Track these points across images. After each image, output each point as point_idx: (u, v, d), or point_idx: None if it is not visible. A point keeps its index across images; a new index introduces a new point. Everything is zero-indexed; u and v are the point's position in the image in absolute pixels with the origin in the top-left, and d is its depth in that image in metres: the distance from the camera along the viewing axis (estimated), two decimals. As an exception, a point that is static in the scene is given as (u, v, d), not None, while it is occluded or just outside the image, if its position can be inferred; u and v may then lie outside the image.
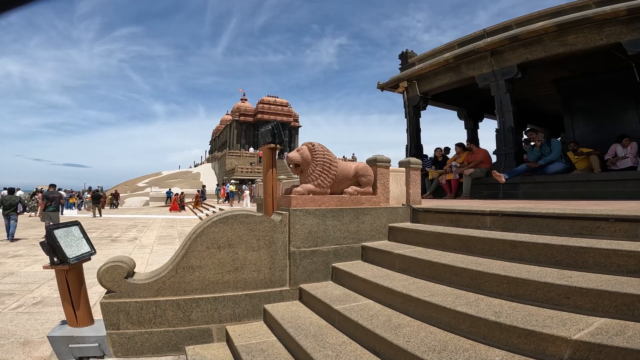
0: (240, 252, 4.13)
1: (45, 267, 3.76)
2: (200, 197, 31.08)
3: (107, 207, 36.06)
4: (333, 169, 4.64)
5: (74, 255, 3.81)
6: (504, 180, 7.85)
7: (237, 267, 4.11)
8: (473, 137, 13.46)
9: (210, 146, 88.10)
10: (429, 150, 12.06)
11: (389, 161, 5.34)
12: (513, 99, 9.14)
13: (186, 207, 32.31)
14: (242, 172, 41.65)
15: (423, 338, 2.71)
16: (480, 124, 14.04)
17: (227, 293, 4.06)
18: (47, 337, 3.70)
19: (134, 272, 4.03)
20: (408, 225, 5.18)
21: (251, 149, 56.15)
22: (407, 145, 12.23)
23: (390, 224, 5.13)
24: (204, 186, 39.53)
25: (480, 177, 9.09)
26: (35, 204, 24.96)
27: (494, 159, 9.60)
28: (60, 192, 19.52)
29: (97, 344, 3.74)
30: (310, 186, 4.53)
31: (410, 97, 12.10)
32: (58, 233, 3.76)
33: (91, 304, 4.19)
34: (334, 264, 4.59)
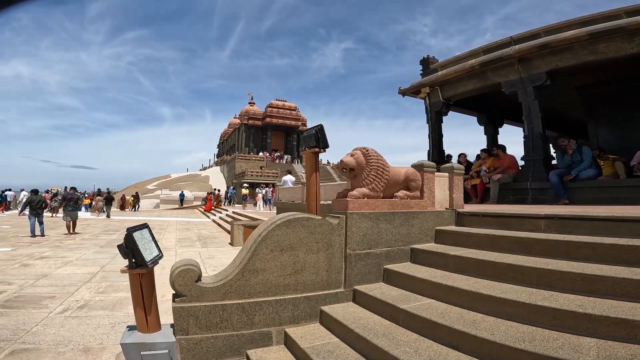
0: (300, 254, 4.23)
1: (123, 271, 3.67)
2: (216, 199, 30.67)
3: (128, 209, 36.28)
4: (386, 173, 4.77)
5: (149, 259, 3.86)
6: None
7: (297, 270, 4.21)
8: (493, 142, 13.50)
9: (218, 149, 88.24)
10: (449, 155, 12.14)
11: (434, 166, 5.53)
12: (541, 106, 9.24)
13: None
14: (252, 175, 41.71)
15: (506, 331, 2.85)
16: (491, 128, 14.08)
17: (288, 296, 4.15)
18: (120, 344, 3.64)
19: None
20: (455, 228, 5.34)
21: (260, 154, 56.30)
22: (429, 151, 12.33)
23: (437, 227, 5.29)
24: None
25: (507, 183, 9.20)
26: (57, 205, 25.24)
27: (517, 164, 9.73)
28: (78, 193, 19.85)
29: (166, 351, 3.71)
30: (365, 190, 4.66)
31: (432, 102, 12.22)
32: (136, 236, 3.81)
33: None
34: (385, 266, 4.73)
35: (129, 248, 3.65)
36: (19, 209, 26.81)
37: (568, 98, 11.66)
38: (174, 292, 3.96)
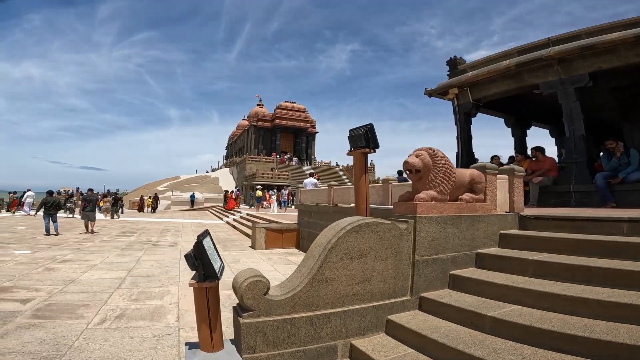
0: (369, 262, 4.01)
1: (191, 285, 3.41)
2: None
3: (147, 210, 36.09)
4: (453, 175, 4.57)
5: (218, 270, 3.55)
6: None
7: (366, 278, 3.99)
8: (521, 144, 13.33)
9: (226, 151, 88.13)
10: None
11: (497, 169, 5.32)
12: (583, 107, 9.03)
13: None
14: (263, 177, 41.51)
15: (627, 332, 2.78)
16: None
17: (355, 306, 3.93)
18: None
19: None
20: (521, 232, 5.19)
21: (270, 155, 56.09)
22: (457, 153, 12.10)
23: (501, 231, 5.11)
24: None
25: (547, 186, 8.93)
26: (73, 205, 25.30)
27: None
28: (96, 194, 19.99)
29: None
30: (433, 193, 4.44)
31: (461, 104, 11.99)
32: (205, 245, 3.50)
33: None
34: (451, 272, 4.54)
35: (198, 259, 3.34)
36: (24, 209, 27.21)
37: (602, 100, 11.40)
38: (237, 305, 3.71)
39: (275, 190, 28.40)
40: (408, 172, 4.57)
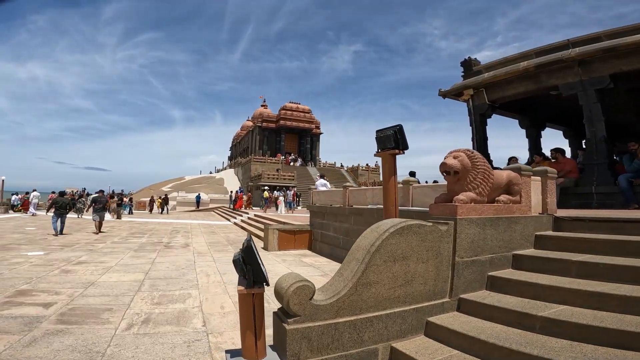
0: (411, 264, 3.96)
1: (240, 292, 3.29)
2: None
3: (156, 211, 36.09)
4: (491, 177, 4.54)
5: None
6: None
7: (407, 281, 3.95)
8: (536, 146, 13.26)
9: (230, 152, 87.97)
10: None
11: (531, 170, 5.31)
12: (604, 109, 9.02)
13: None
14: (268, 178, 41.39)
15: None
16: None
17: (397, 309, 3.88)
18: None
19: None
20: (556, 233, 5.18)
21: (275, 157, 55.95)
22: None
23: (536, 233, 5.09)
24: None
25: (568, 187, 8.84)
26: (82, 206, 25.41)
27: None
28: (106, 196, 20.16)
29: None
30: (472, 194, 4.40)
31: (476, 105, 11.93)
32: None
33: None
34: (489, 273, 4.52)
35: (248, 264, 3.23)
36: (31, 209, 27.37)
37: (619, 101, 11.35)
38: (280, 311, 3.62)
39: (282, 191, 28.19)
40: (445, 174, 4.50)
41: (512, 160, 10.71)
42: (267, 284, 3.34)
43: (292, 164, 54.94)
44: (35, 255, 10.25)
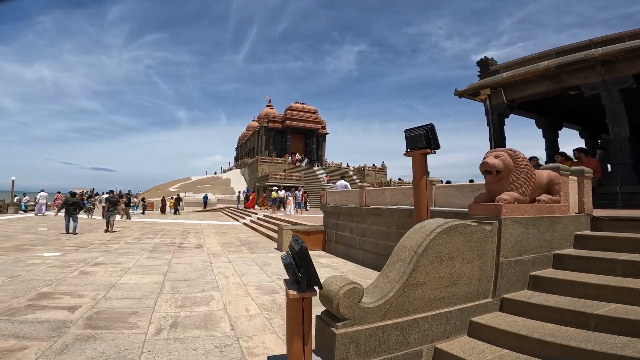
0: (457, 264, 3.95)
1: (293, 297, 3.12)
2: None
3: (169, 212, 35.98)
4: (533, 176, 4.51)
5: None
6: None
7: (453, 281, 3.92)
8: (553, 145, 13.15)
9: (236, 152, 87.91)
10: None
11: (569, 170, 5.31)
12: (628, 108, 8.93)
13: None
14: (275, 178, 41.30)
15: None
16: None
17: (442, 309, 3.86)
18: None
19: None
20: (596, 233, 5.18)
21: (282, 157, 55.84)
22: None
23: (576, 232, 5.09)
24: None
25: (592, 187, 8.73)
26: (91, 206, 25.48)
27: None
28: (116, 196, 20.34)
29: None
30: (515, 194, 4.35)
31: (494, 104, 11.84)
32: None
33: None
34: (531, 273, 4.52)
35: (302, 268, 3.09)
36: (37, 209, 27.48)
37: (632, 100, 11.29)
38: (326, 314, 3.54)
39: (291, 191, 28.03)
40: (485, 173, 4.42)
41: (532, 160, 10.59)
42: (321, 288, 3.22)
43: (298, 164, 54.83)
44: (51, 256, 10.19)
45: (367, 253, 10.33)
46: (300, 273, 3.07)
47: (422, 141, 5.38)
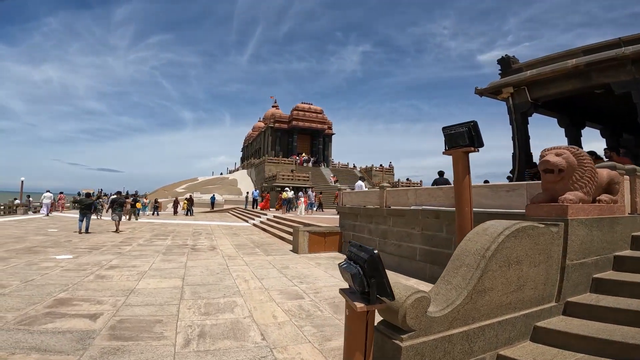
0: (524, 268, 3.74)
1: (360, 309, 2.76)
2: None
3: (180, 213, 35.77)
4: (596, 176, 4.28)
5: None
6: None
7: (519, 286, 3.72)
8: (577, 145, 12.82)
9: (242, 153, 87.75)
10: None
11: (624, 169, 5.08)
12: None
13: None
14: (283, 179, 41.00)
15: None
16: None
17: (508, 315, 3.67)
18: None
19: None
20: None
21: (289, 157, 55.57)
22: (514, 154, 11.73)
23: (633, 233, 4.87)
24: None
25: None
26: (101, 207, 25.43)
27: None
28: (124, 197, 20.47)
29: None
30: (580, 194, 4.12)
31: (517, 103, 11.60)
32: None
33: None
34: (594, 275, 4.35)
35: (372, 278, 2.73)
36: (42, 210, 27.51)
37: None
38: (385, 325, 3.23)
39: (303, 192, 27.67)
40: (546, 172, 4.15)
41: (591, 155, 10.37)
42: (393, 299, 2.88)
43: (305, 164, 54.53)
44: (64, 258, 9.93)
45: (388, 255, 10.05)
46: (370, 284, 2.73)
47: (465, 139, 5.12)
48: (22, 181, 33.60)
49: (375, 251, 2.75)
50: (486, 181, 11.55)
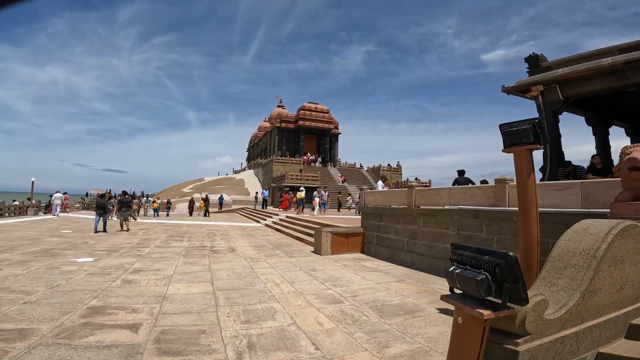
0: (626, 267, 3.66)
1: (487, 317, 2.47)
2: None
3: (196, 213, 35.47)
4: None
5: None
6: None
7: (622, 285, 3.65)
8: (605, 143, 12.69)
9: (248, 153, 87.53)
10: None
11: None
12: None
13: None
14: (291, 179, 40.75)
15: None
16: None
17: (611, 314, 3.61)
18: None
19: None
20: None
21: (296, 157, 55.32)
22: (544, 153, 11.46)
23: None
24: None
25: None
26: (111, 207, 25.36)
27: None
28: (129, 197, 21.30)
29: None
30: None
31: (547, 101, 11.34)
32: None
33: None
34: None
35: (507, 282, 2.41)
36: (53, 211, 27.50)
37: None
38: (495, 329, 2.93)
39: (318, 192, 27.33)
40: (634, 170, 3.90)
41: (595, 158, 10.08)
42: (527, 303, 2.58)
43: (312, 164, 54.25)
44: (85, 262, 9.67)
45: (418, 256, 9.80)
46: (503, 289, 2.43)
47: (529, 136, 4.83)
48: (33, 182, 33.52)
49: (511, 254, 2.45)
50: (484, 181, 11.25)
